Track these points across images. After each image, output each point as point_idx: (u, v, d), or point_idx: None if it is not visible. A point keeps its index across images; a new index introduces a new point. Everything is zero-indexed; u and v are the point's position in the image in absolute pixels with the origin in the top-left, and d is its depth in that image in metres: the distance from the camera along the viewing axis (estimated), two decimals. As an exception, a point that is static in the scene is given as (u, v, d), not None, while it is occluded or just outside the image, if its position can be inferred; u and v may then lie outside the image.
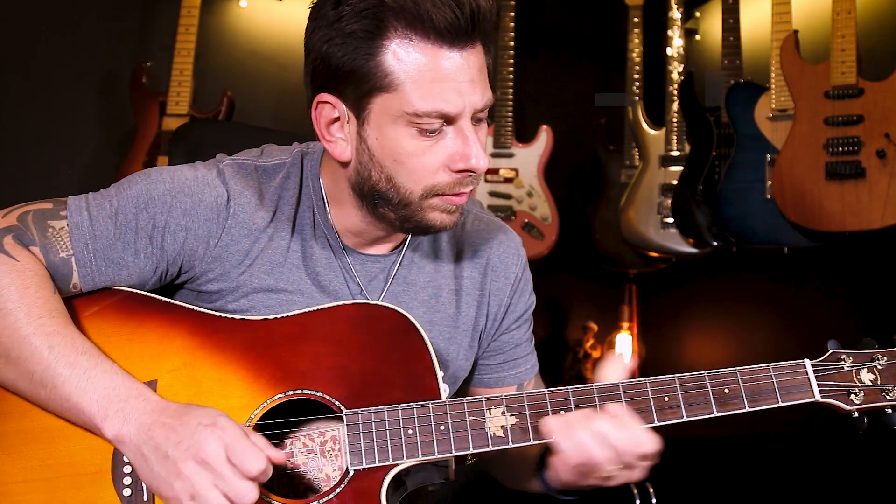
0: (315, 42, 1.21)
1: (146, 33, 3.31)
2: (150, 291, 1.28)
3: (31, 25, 3.08)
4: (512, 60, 3.41)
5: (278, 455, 1.10)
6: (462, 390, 1.55)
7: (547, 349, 1.48)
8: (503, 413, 1.21)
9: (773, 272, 3.14)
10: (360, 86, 1.19)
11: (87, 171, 3.16)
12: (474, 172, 1.22)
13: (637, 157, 3.41)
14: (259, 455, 1.06)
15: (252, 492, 1.05)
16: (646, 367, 3.83)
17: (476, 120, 1.23)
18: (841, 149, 2.55)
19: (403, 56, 1.16)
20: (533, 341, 1.56)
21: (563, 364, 3.73)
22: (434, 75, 1.16)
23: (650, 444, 1.18)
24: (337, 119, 1.24)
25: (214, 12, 3.36)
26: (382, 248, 1.38)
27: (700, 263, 3.31)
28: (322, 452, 1.26)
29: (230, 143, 1.42)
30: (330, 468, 1.26)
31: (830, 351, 1.28)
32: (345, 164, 1.28)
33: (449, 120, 1.19)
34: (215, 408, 1.12)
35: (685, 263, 3.36)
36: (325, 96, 1.23)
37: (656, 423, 1.22)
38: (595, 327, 3.72)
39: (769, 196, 2.74)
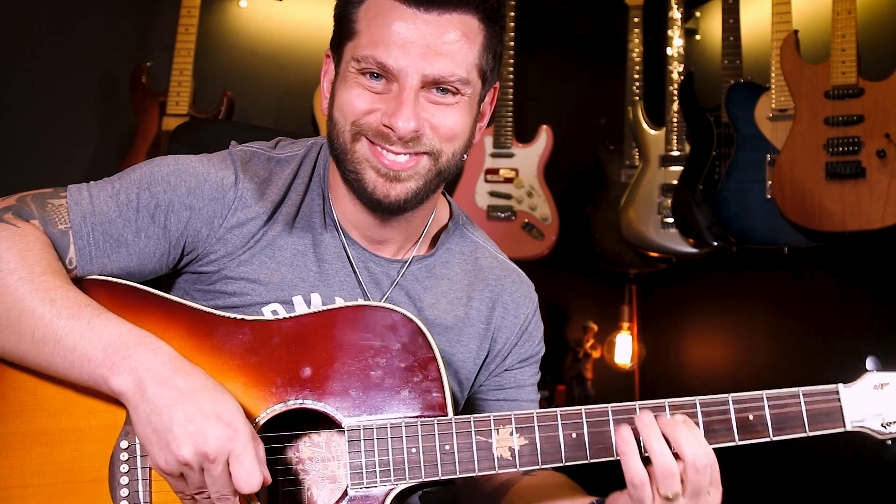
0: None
1: (146, 33, 3.31)
2: (151, 279, 1.27)
3: (31, 25, 3.09)
4: (512, 60, 3.41)
5: (268, 478, 1.08)
6: None
7: (547, 349, 1.47)
8: (511, 433, 1.15)
9: (773, 272, 3.13)
10: (339, 34, 1.28)
11: (86, 170, 3.16)
12: (393, 131, 1.21)
13: (637, 157, 3.40)
14: (257, 476, 1.04)
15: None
16: (645, 367, 3.83)
17: (440, 89, 1.23)
18: (841, 149, 2.55)
19: (371, 7, 1.24)
20: (539, 397, 1.52)
21: (563, 364, 3.73)
22: (384, 27, 1.20)
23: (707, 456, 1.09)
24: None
25: (214, 12, 3.36)
26: (388, 251, 1.38)
27: (700, 263, 3.31)
28: (322, 466, 1.23)
29: (230, 143, 1.41)
30: (329, 484, 1.23)
31: (870, 371, 1.15)
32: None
33: (392, 75, 1.21)
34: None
35: (685, 263, 3.36)
36: (328, 51, 1.33)
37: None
38: (595, 327, 3.72)
39: (769, 196, 2.74)
